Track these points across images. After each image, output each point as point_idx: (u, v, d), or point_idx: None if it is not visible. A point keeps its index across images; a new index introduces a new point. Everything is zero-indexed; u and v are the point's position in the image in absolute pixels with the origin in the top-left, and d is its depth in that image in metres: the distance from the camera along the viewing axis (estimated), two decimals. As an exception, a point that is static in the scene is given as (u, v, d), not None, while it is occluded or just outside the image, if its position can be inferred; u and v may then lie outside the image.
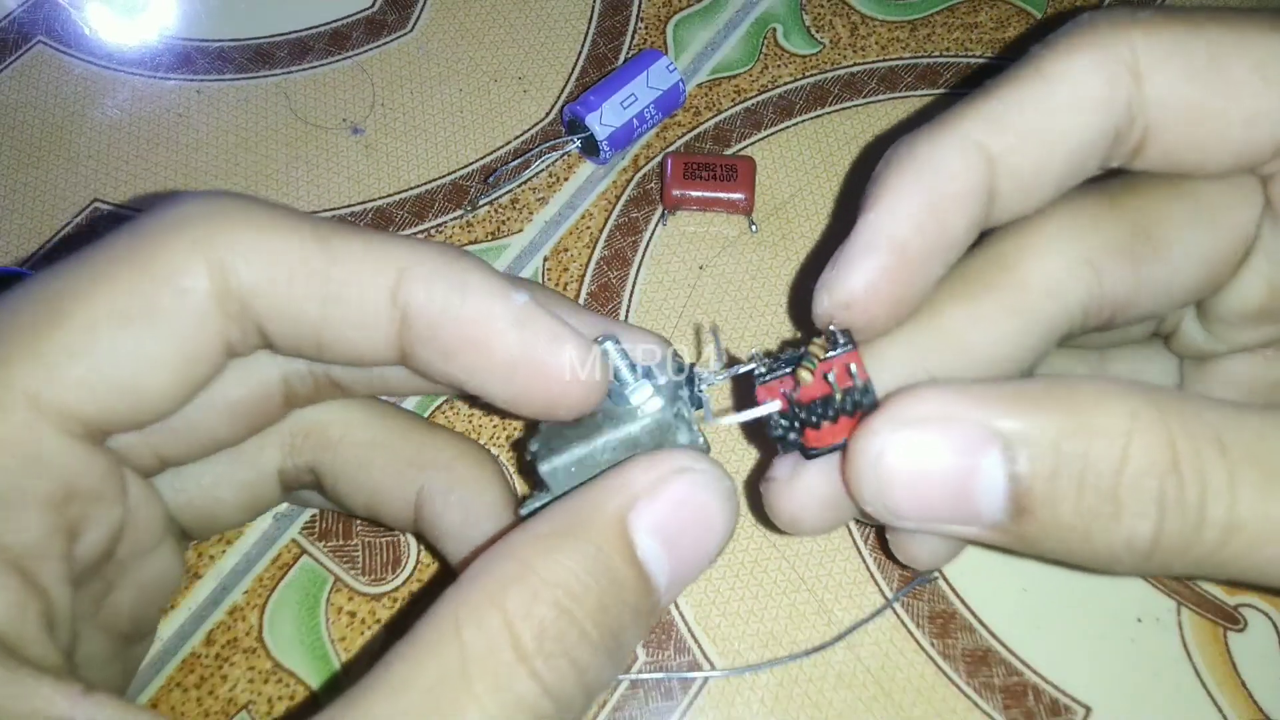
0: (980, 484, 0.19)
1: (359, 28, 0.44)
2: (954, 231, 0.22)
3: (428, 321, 0.21)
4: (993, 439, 0.19)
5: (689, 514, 0.20)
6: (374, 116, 0.41)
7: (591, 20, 0.44)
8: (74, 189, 0.40)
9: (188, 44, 0.43)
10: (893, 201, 0.22)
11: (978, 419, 0.19)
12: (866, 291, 0.22)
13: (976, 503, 0.20)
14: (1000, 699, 0.30)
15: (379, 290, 0.21)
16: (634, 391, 0.22)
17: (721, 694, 0.30)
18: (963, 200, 0.22)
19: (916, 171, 0.22)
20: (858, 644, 0.30)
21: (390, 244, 0.21)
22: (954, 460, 0.19)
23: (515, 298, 0.21)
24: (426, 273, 0.21)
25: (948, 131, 0.22)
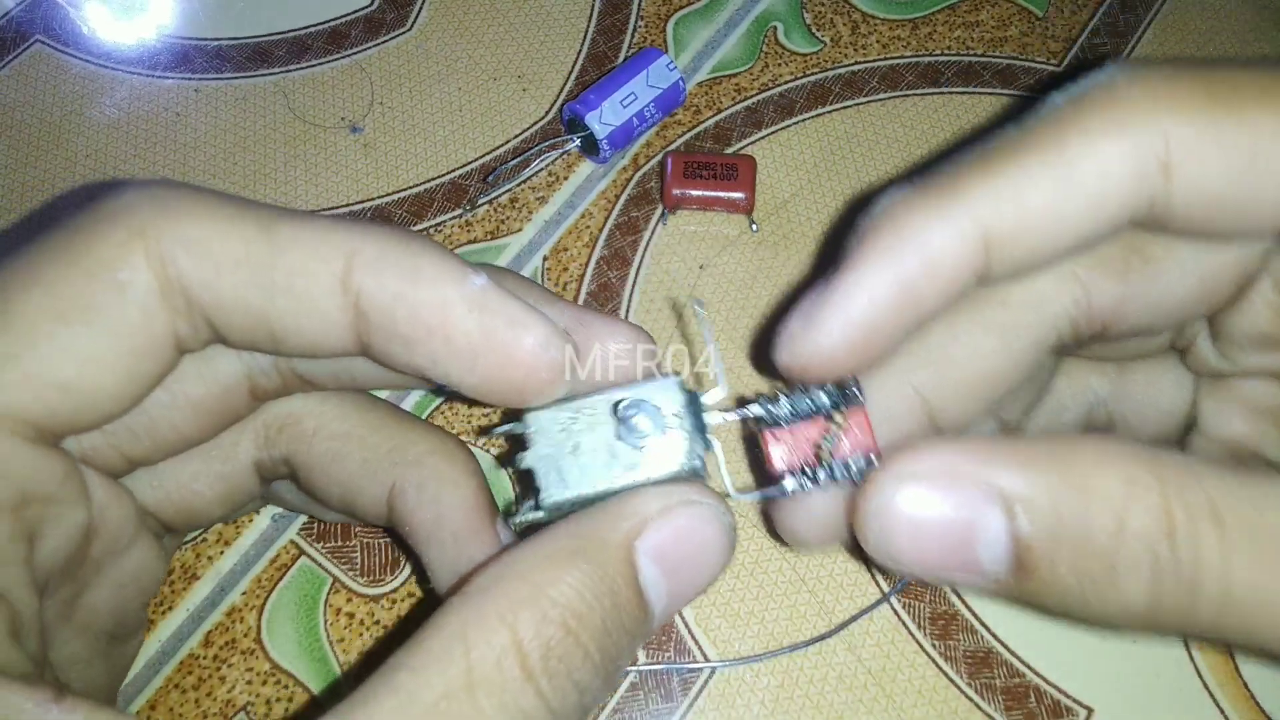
0: (982, 540, 0.19)
1: (357, 26, 0.44)
2: (930, 306, 0.21)
3: (381, 309, 0.20)
4: (995, 498, 0.19)
5: (691, 545, 0.21)
6: (373, 115, 0.41)
7: (591, 18, 0.44)
8: (71, 187, 0.40)
9: (186, 43, 0.43)
10: (869, 273, 0.21)
11: (980, 478, 0.19)
12: (825, 358, 0.21)
13: (979, 557, 0.20)
14: (1002, 700, 0.30)
15: (327, 278, 0.20)
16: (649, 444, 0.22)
17: (722, 695, 0.30)
18: (946, 280, 0.21)
19: (901, 245, 0.21)
20: (859, 645, 0.30)
21: (338, 229, 0.20)
22: (956, 517, 0.19)
23: (472, 280, 0.21)
24: (375, 257, 0.20)
25: (945, 203, 0.21)
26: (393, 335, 0.21)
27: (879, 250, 0.21)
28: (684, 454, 0.22)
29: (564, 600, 0.19)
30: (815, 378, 0.22)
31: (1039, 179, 0.20)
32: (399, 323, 0.20)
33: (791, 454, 0.23)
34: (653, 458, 0.22)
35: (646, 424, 0.22)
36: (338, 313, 0.20)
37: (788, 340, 0.22)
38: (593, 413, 0.22)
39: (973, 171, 0.21)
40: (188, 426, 0.23)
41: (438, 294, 0.20)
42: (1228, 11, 0.43)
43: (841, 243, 0.21)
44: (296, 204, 0.39)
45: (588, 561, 0.19)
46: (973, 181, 0.21)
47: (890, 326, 0.21)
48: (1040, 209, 0.20)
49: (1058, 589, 0.19)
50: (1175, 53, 0.42)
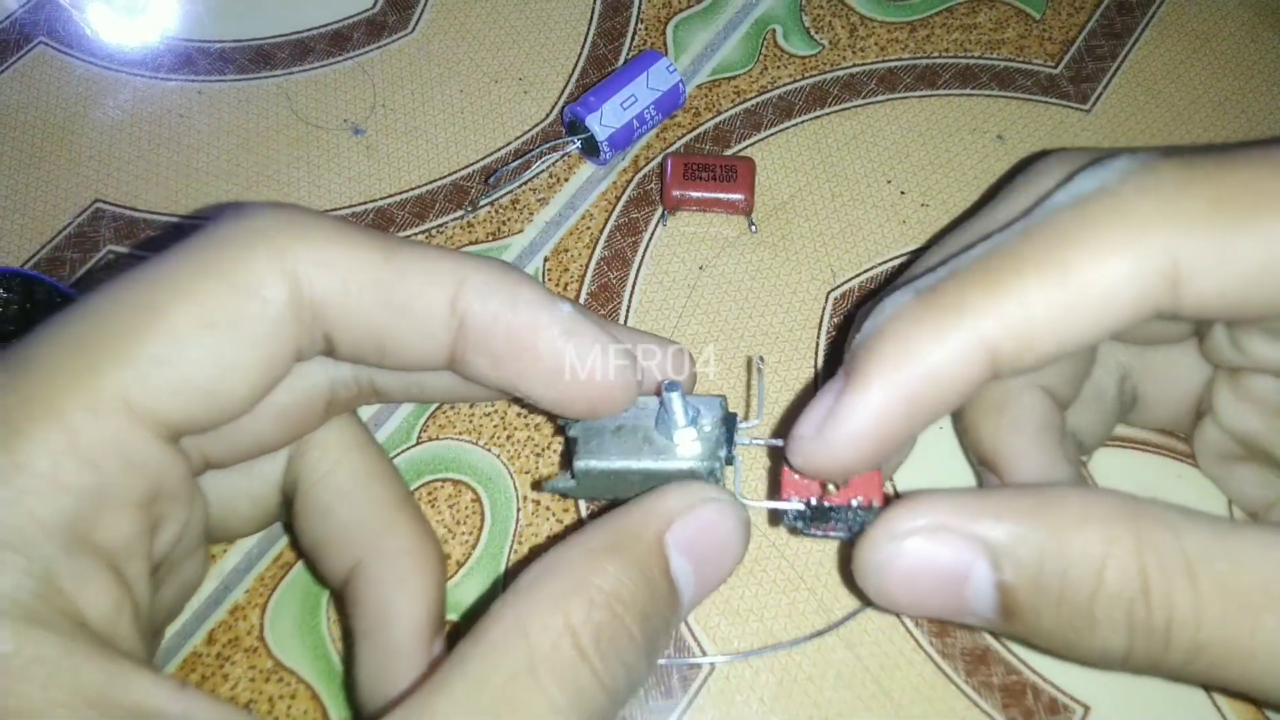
0: (971, 588, 0.21)
1: (360, 28, 0.44)
2: (936, 412, 0.22)
3: (482, 329, 0.23)
4: (982, 550, 0.21)
5: (714, 538, 0.23)
6: (375, 117, 0.41)
7: (592, 21, 0.44)
8: (75, 189, 0.40)
9: (189, 45, 0.44)
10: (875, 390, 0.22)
11: (969, 531, 0.21)
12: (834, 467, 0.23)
13: (969, 602, 0.22)
14: (999, 698, 0.30)
15: (440, 300, 0.22)
16: (680, 435, 0.25)
17: (721, 692, 0.30)
18: (951, 391, 0.22)
19: (905, 362, 0.21)
20: (857, 643, 0.31)
21: (449, 258, 0.23)
22: (947, 567, 0.21)
23: (561, 307, 0.23)
24: (482, 284, 0.22)
25: (949, 320, 0.21)
26: (487, 352, 0.23)
27: (883, 367, 0.22)
28: (707, 456, 0.25)
29: (608, 588, 0.21)
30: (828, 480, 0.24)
31: (1044, 297, 0.21)
32: (496, 341, 0.23)
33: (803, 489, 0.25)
34: (680, 451, 0.25)
35: (682, 415, 0.24)
36: (444, 331, 0.23)
37: (799, 447, 0.23)
38: (641, 407, 0.26)
39: (976, 285, 0.21)
40: (267, 434, 0.24)
41: (533, 318, 0.23)
42: (1225, 13, 0.43)
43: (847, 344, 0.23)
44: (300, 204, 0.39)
45: (625, 554, 0.21)
46: (976, 297, 0.21)
47: (897, 434, 0.22)
48: (1045, 325, 0.21)
49: (1041, 632, 0.21)
50: (1173, 54, 0.42)
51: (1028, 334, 0.21)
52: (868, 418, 0.22)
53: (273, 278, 0.21)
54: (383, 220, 0.39)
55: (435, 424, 0.34)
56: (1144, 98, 0.41)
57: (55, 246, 0.39)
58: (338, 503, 0.26)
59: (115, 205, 0.40)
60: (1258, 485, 0.30)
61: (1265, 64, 0.42)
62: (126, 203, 0.40)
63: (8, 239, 0.39)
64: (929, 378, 0.21)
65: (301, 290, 0.21)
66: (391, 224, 0.39)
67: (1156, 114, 0.41)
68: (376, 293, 0.22)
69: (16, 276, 0.33)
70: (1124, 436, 0.33)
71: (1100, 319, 0.21)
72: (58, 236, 0.39)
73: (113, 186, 0.40)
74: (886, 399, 0.22)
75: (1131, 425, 0.33)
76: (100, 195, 0.40)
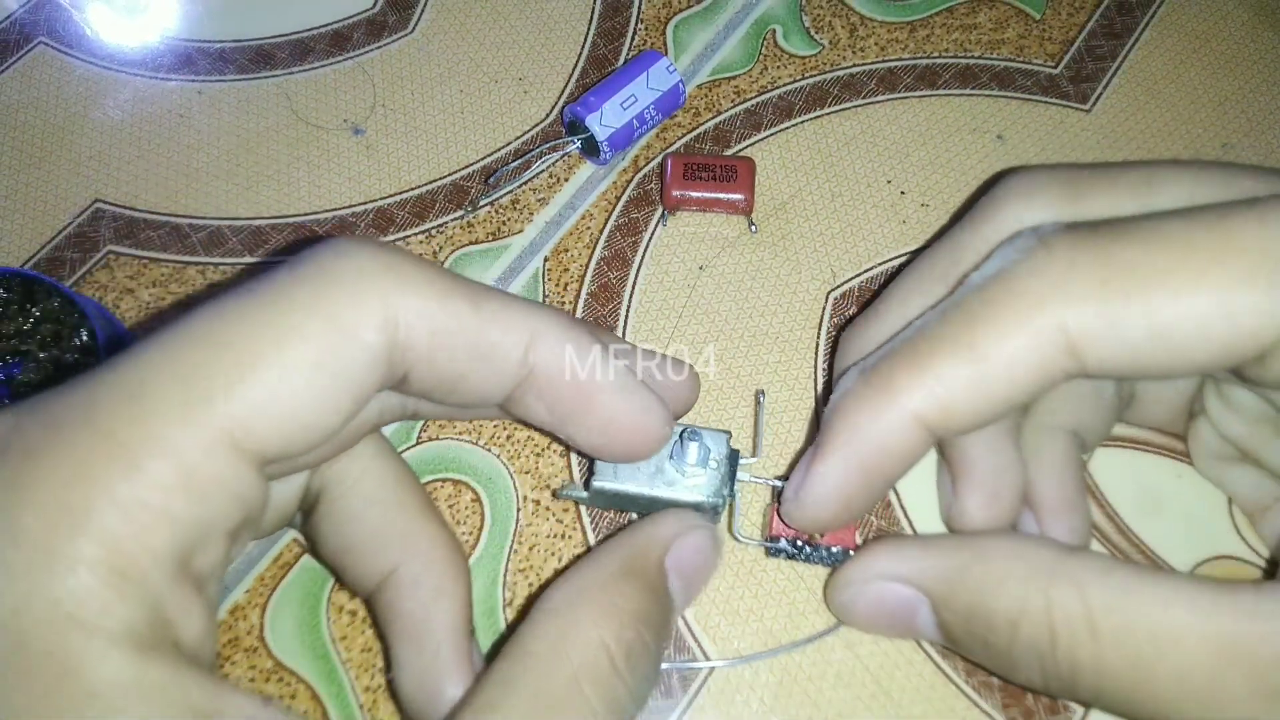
0: (919, 621, 0.27)
1: (360, 28, 0.44)
2: (896, 474, 0.26)
3: (547, 379, 0.25)
4: (923, 600, 0.26)
5: (700, 559, 0.27)
6: (375, 117, 0.41)
7: (592, 21, 0.44)
8: (75, 189, 0.40)
9: (189, 45, 0.44)
10: (833, 463, 0.26)
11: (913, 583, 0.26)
12: (819, 526, 0.28)
13: (917, 628, 0.27)
14: (999, 697, 0.30)
15: (518, 351, 0.24)
16: (691, 472, 0.28)
17: (721, 692, 0.30)
18: (898, 456, 0.25)
19: (853, 437, 0.25)
20: (857, 643, 0.31)
21: (525, 308, 0.24)
22: (899, 607, 0.27)
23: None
24: (554, 337, 0.24)
25: (881, 399, 0.25)
26: (547, 400, 0.25)
27: (836, 442, 0.26)
28: (712, 491, 0.28)
29: (631, 608, 0.24)
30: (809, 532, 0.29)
31: (959, 373, 0.24)
32: (558, 392, 0.25)
33: (789, 532, 0.29)
34: (688, 484, 0.29)
35: (695, 454, 0.28)
36: (513, 379, 0.24)
37: (788, 513, 0.28)
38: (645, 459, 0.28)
39: (902, 366, 0.25)
40: (314, 455, 0.24)
41: (594, 374, 0.25)
42: (1224, 13, 0.43)
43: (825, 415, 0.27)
44: (300, 204, 0.39)
45: (640, 577, 0.25)
46: (903, 377, 0.25)
47: (856, 496, 0.26)
48: (963, 398, 0.24)
49: (977, 660, 0.26)
50: (1173, 54, 0.42)
51: (949, 406, 0.24)
52: (830, 485, 0.26)
53: (375, 322, 0.22)
54: (383, 220, 0.39)
55: (435, 424, 0.34)
56: (1144, 98, 0.41)
57: (55, 246, 0.39)
58: (367, 510, 0.27)
59: (115, 205, 0.40)
60: (1251, 487, 0.31)
61: (1265, 64, 0.42)
62: (126, 203, 0.40)
63: (8, 239, 0.39)
64: (875, 449, 0.25)
65: (398, 335, 0.22)
66: (391, 224, 0.39)
67: (1156, 114, 0.41)
68: (463, 341, 0.23)
69: (16, 276, 0.33)
70: (1124, 436, 0.33)
71: (1009, 388, 0.24)
72: (58, 236, 0.39)
73: (113, 186, 0.40)
74: (843, 469, 0.26)
75: (1129, 424, 0.33)
76: (100, 195, 0.40)
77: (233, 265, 0.38)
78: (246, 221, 0.39)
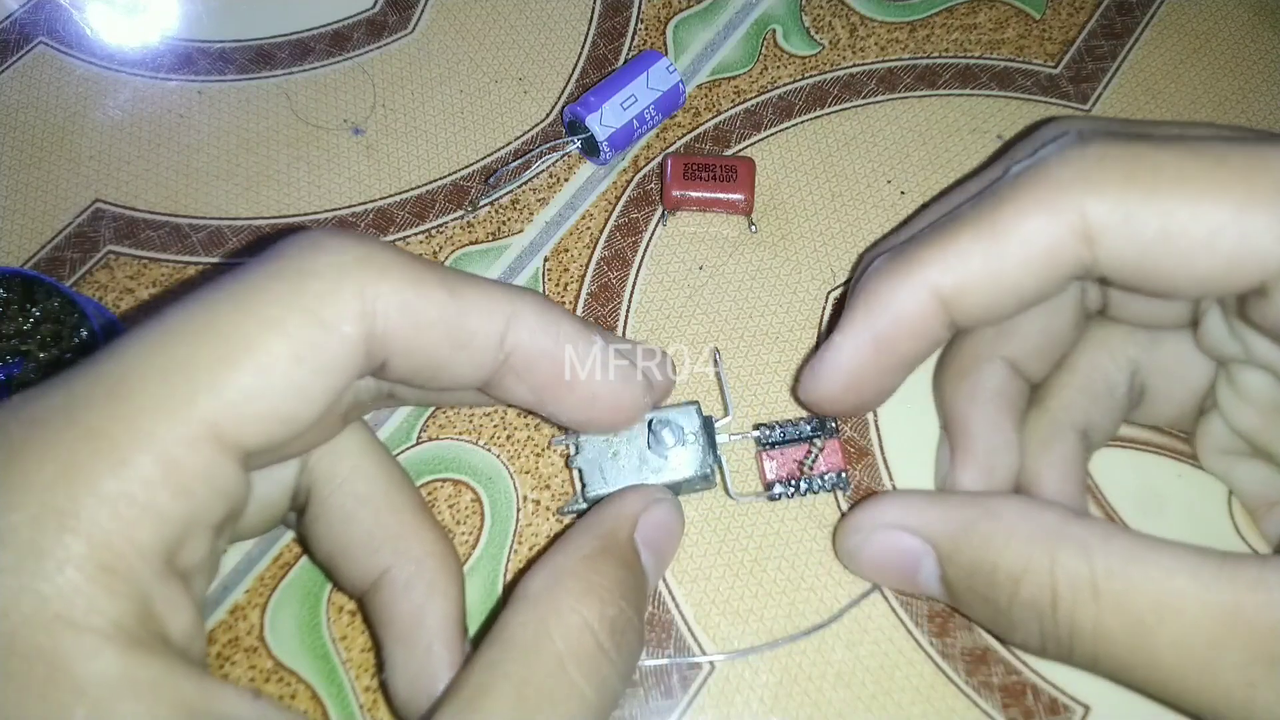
0: (923, 575, 0.27)
1: (360, 29, 0.44)
2: (910, 355, 0.27)
3: (527, 361, 0.25)
4: (929, 551, 0.26)
5: (665, 531, 0.28)
6: (375, 117, 0.41)
7: (592, 21, 0.44)
8: (75, 189, 0.40)
9: (189, 45, 0.44)
10: (852, 335, 0.27)
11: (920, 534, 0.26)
12: (828, 401, 0.28)
13: (920, 583, 0.27)
14: (999, 697, 0.30)
15: (495, 336, 0.24)
16: (673, 453, 0.30)
17: (721, 692, 0.30)
18: (915, 335, 0.26)
19: (874, 309, 0.26)
20: (857, 642, 0.31)
21: (502, 293, 0.25)
22: (904, 557, 0.27)
23: (596, 340, 0.26)
24: (531, 320, 0.25)
25: (905, 274, 0.25)
26: (527, 381, 0.26)
27: (857, 313, 0.26)
28: (698, 464, 0.30)
29: (609, 585, 0.25)
30: (827, 414, 0.30)
31: (979, 248, 0.24)
32: (538, 373, 0.25)
33: (781, 468, 0.30)
34: (674, 464, 0.30)
35: (670, 437, 0.29)
36: (493, 362, 0.25)
37: (802, 386, 0.28)
38: (629, 429, 0.30)
39: (929, 244, 0.25)
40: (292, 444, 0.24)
41: (574, 353, 0.26)
42: (1225, 13, 0.43)
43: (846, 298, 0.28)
44: (300, 204, 0.39)
45: (614, 554, 0.26)
46: (928, 253, 0.25)
47: (874, 369, 0.27)
48: (978, 274, 0.25)
49: (975, 618, 0.27)
50: (1173, 54, 0.42)
51: (964, 282, 0.25)
52: (845, 356, 0.27)
53: (352, 314, 0.22)
54: (383, 220, 0.39)
55: (435, 424, 0.34)
56: (1144, 98, 0.41)
57: (55, 246, 0.39)
58: (359, 509, 0.26)
59: (115, 205, 0.40)
60: (1259, 483, 0.31)
61: (1265, 64, 0.42)
62: (126, 203, 0.40)
63: (8, 239, 0.39)
64: (890, 320, 0.26)
65: (375, 326, 0.22)
66: (391, 224, 0.39)
67: (1156, 114, 0.41)
68: (441, 329, 0.23)
69: (16, 276, 0.33)
70: (1125, 436, 0.33)
71: (1023, 271, 0.24)
72: (57, 236, 0.39)
73: (113, 186, 0.40)
74: (857, 340, 0.26)
75: (1135, 423, 0.33)
76: (100, 195, 0.40)
77: (232, 266, 0.38)
78: (247, 221, 0.39)
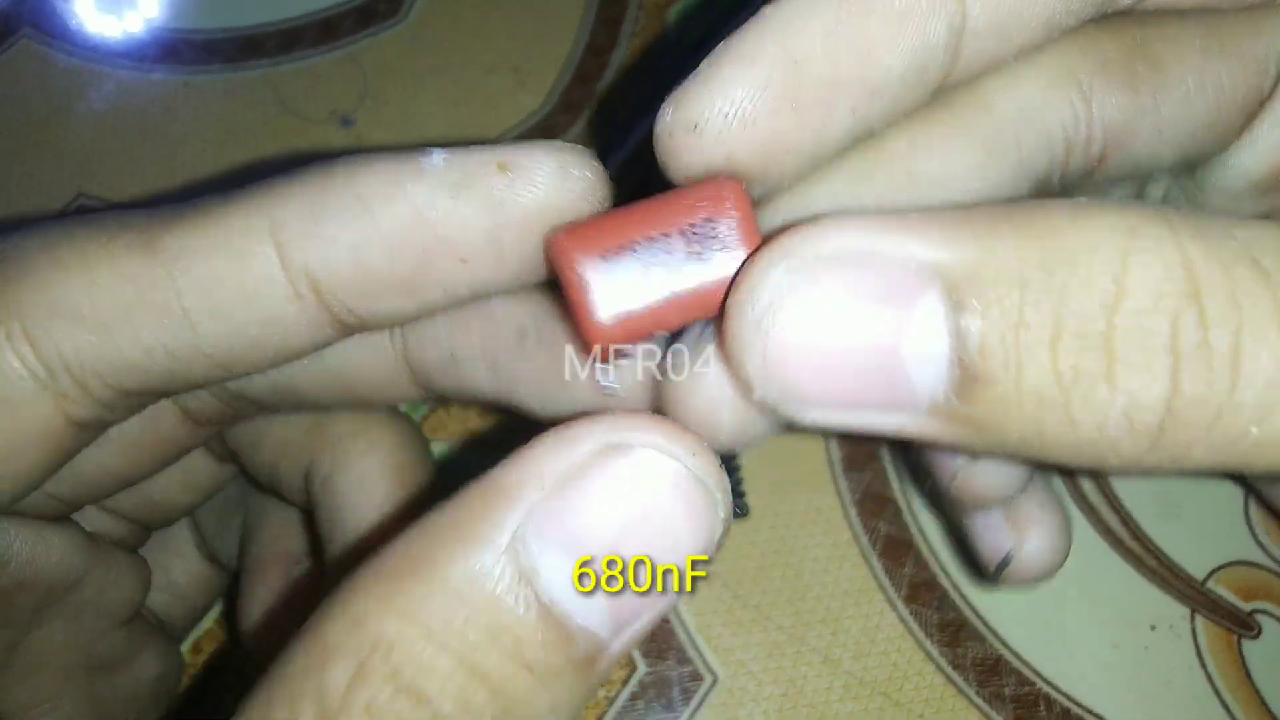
0: (914, 346, 0.13)
1: (350, 16, 0.43)
2: (881, 65, 0.15)
3: (349, 273, 0.17)
4: (930, 278, 0.13)
5: None
6: (365, 108, 0.40)
7: (589, 9, 0.43)
8: (59, 183, 0.39)
9: (174, 35, 0.42)
10: (798, 4, 0.15)
11: (907, 254, 0.13)
12: (727, 118, 0.15)
13: (909, 375, 0.14)
14: (1012, 709, 0.29)
15: (258, 270, 0.16)
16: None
17: (724, 705, 0.29)
18: (904, 19, 0.15)
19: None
20: (865, 653, 0.30)
21: (235, 209, 0.17)
22: (875, 314, 0.13)
23: (430, 162, 0.17)
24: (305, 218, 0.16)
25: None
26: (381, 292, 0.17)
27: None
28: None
29: None
30: (712, 151, 0.16)
31: None
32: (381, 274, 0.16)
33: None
34: None
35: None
36: (289, 303, 0.17)
37: (675, 97, 0.16)
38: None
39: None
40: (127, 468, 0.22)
41: (407, 207, 0.16)
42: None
43: None
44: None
45: None
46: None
47: (826, 82, 0.15)
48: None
49: (1025, 405, 0.13)
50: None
51: None
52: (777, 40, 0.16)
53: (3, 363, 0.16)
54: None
55: (429, 426, 0.34)
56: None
57: (37, 243, 0.38)
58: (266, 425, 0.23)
59: (99, 200, 0.39)
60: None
61: None
62: (110, 197, 0.39)
63: (-12, 235, 0.38)
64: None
65: (43, 353, 0.17)
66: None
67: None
68: (153, 306, 0.16)
69: None
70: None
71: None
72: (39, 233, 0.38)
73: (96, 180, 0.39)
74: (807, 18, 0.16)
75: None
76: (83, 189, 0.39)
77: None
78: (234, 217, 0.38)
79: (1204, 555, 0.31)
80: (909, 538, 0.32)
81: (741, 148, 0.15)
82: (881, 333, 0.13)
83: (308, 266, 0.16)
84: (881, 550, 0.31)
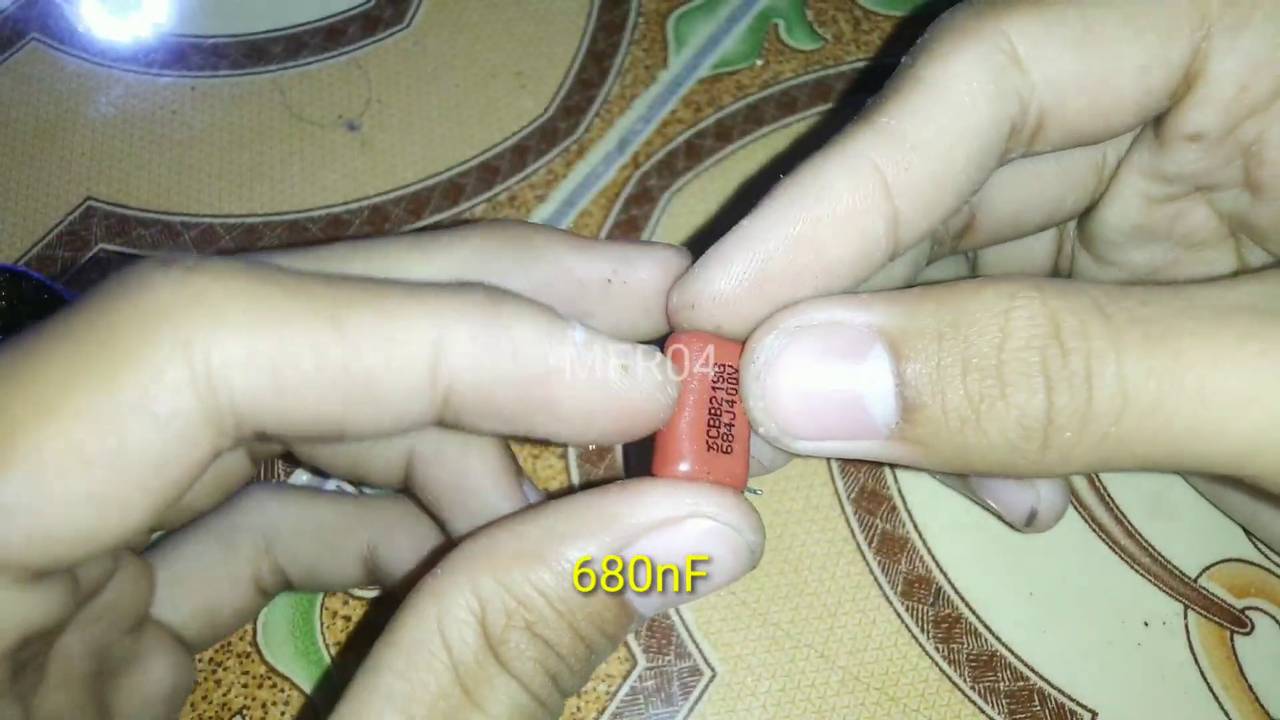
0: (869, 386, 0.19)
1: (355, 23, 0.43)
2: (832, 256, 0.20)
3: (478, 393, 0.18)
4: (876, 336, 0.19)
5: None
6: (370, 113, 0.41)
7: (591, 15, 0.43)
8: (67, 187, 0.39)
9: (182, 40, 0.43)
10: (768, 217, 0.20)
11: (861, 321, 0.19)
12: (714, 300, 0.20)
13: (869, 409, 0.19)
14: (1006, 704, 0.29)
15: (414, 374, 0.17)
16: None
17: (723, 700, 0.30)
18: (846, 225, 0.20)
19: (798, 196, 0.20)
20: (861, 649, 0.30)
21: (419, 308, 0.18)
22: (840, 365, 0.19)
23: (573, 337, 0.19)
24: (466, 341, 0.18)
25: (836, 151, 0.20)
26: (491, 415, 0.19)
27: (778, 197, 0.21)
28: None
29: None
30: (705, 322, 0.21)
31: (911, 112, 0.20)
32: (499, 403, 0.18)
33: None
34: None
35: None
36: (425, 403, 0.18)
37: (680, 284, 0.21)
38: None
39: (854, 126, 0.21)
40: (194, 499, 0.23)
41: (541, 366, 0.18)
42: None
43: None
44: (293, 201, 0.39)
45: None
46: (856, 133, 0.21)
47: (788, 275, 0.20)
48: (920, 136, 0.20)
49: (949, 424, 0.19)
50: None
51: (908, 151, 0.20)
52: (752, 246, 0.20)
53: (172, 382, 0.16)
54: (378, 217, 0.38)
55: (431, 425, 0.34)
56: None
57: (46, 244, 0.38)
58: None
59: (107, 203, 0.39)
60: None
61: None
62: (118, 200, 0.39)
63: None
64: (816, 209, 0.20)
65: (218, 396, 0.16)
66: (387, 220, 0.38)
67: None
68: (325, 379, 0.17)
69: (4, 272, 0.32)
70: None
71: (967, 114, 0.20)
72: (49, 234, 0.38)
73: (104, 184, 0.40)
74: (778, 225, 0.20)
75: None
76: (92, 193, 0.39)
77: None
78: (239, 219, 0.39)
79: (1197, 552, 0.32)
80: (904, 534, 0.32)
81: (724, 319, 0.21)
82: (846, 377, 0.19)
83: (450, 384, 0.18)
84: (877, 547, 0.32)
